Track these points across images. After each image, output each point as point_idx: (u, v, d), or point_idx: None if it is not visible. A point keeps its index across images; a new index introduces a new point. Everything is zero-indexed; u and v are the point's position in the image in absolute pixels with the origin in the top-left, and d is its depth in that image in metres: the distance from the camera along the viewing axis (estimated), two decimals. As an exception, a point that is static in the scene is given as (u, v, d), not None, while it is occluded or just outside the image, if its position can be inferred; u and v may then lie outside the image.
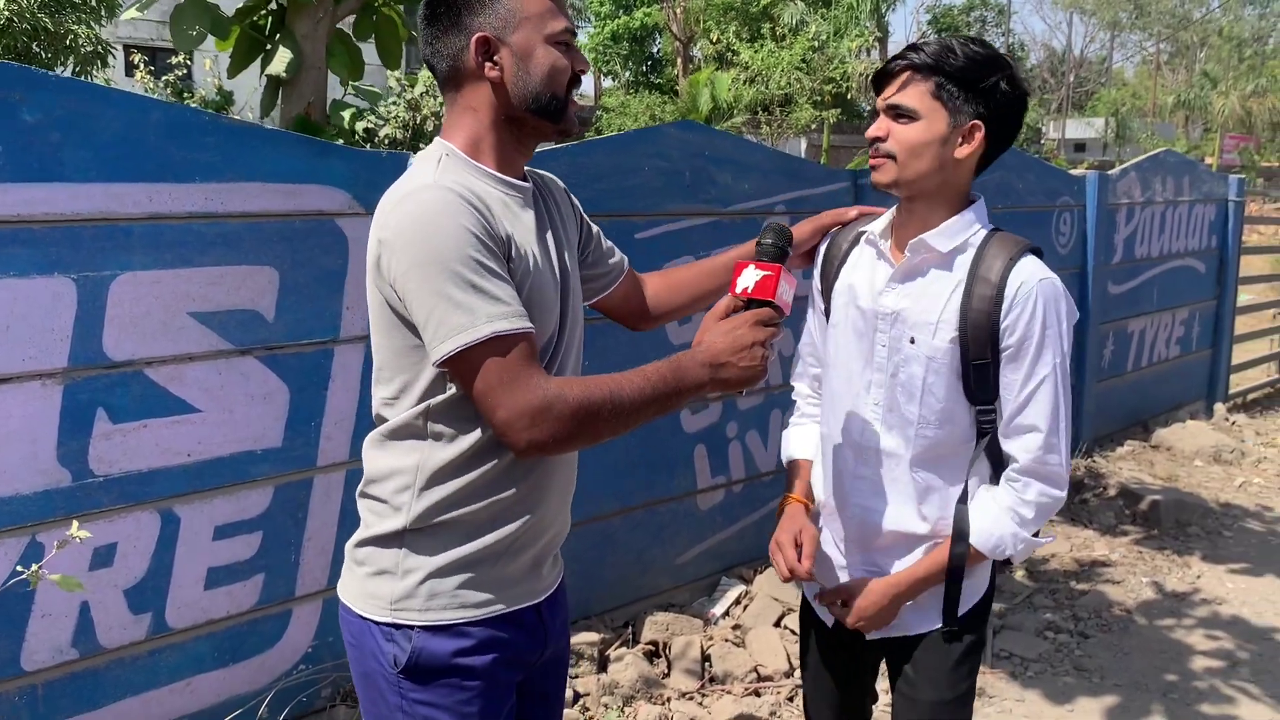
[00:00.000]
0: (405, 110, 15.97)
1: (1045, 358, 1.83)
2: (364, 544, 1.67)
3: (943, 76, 1.81)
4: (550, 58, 1.63)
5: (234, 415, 2.74)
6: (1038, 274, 1.84)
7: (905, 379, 1.90)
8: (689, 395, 1.60)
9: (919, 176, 1.85)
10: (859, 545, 2.01)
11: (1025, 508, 1.88)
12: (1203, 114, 47.04)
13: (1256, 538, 5.23)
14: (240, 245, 2.71)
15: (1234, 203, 7.57)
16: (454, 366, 1.51)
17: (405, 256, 1.49)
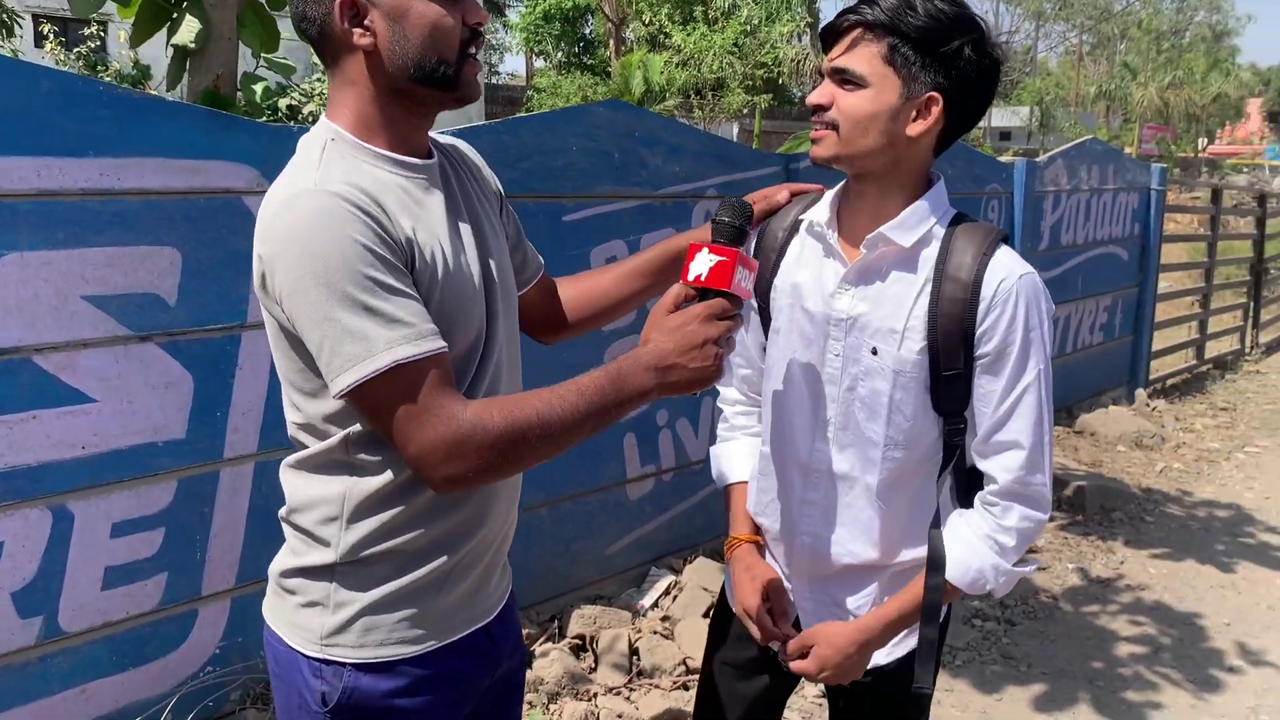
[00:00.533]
0: (330, 87, 15.56)
1: (1029, 365, 1.58)
2: (292, 574, 1.50)
3: (898, 38, 1.54)
4: (430, 14, 1.38)
5: (133, 405, 2.58)
6: (1017, 269, 1.59)
7: (866, 394, 1.65)
8: (633, 405, 1.41)
9: (864, 153, 1.59)
10: (808, 576, 1.78)
11: (1005, 535, 1.62)
12: (1123, 104, 48.22)
13: (1177, 523, 5.30)
14: (139, 224, 2.54)
15: (1156, 191, 7.68)
16: (355, 400, 1.34)
17: (289, 276, 1.30)
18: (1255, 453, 6.63)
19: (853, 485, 1.70)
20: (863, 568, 1.73)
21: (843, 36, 1.59)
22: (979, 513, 1.66)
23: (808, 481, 1.74)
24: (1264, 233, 10.10)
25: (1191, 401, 7.99)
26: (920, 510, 1.70)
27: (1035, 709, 3.46)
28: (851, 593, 1.75)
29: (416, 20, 1.38)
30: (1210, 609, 4.26)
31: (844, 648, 1.68)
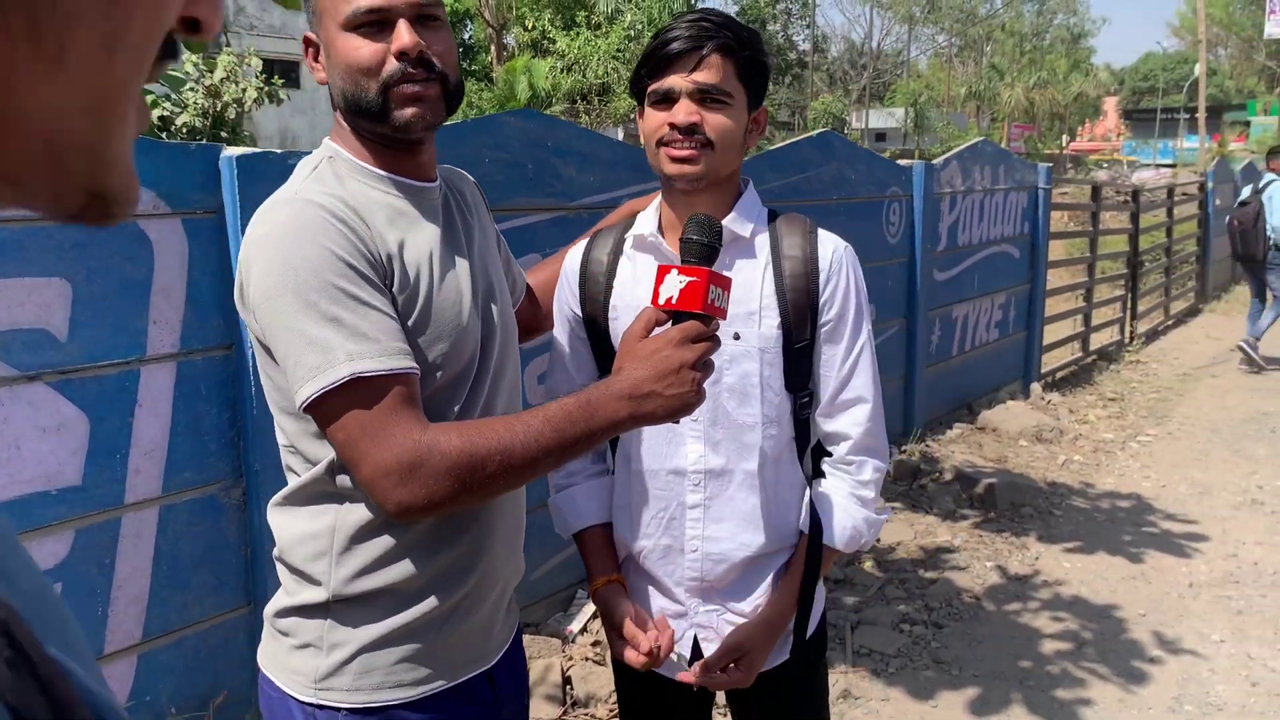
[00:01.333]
0: (205, 97, 15.03)
1: (863, 326, 1.74)
2: (286, 614, 1.46)
3: (742, 57, 1.64)
4: (345, 47, 1.36)
5: (21, 452, 2.35)
6: (840, 242, 1.76)
7: (735, 380, 1.69)
8: (604, 435, 1.34)
9: (726, 167, 1.67)
10: (700, 588, 1.76)
11: (865, 489, 1.76)
12: (991, 104, 49.94)
13: (1083, 515, 5.43)
14: (24, 253, 2.32)
15: (1043, 190, 7.90)
16: (315, 414, 1.29)
17: (261, 284, 1.28)
18: (1147, 441, 6.86)
19: (733, 477, 1.73)
20: (754, 561, 1.76)
21: (692, 54, 1.62)
22: (836, 475, 1.77)
23: (688, 487, 1.74)
24: (1138, 227, 10.51)
25: (1081, 393, 8.24)
26: (791, 490, 1.78)
27: (971, 713, 3.46)
28: (745, 594, 1.77)
29: (338, 54, 1.38)
30: (1125, 600, 4.35)
31: (767, 637, 1.73)
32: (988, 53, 59.46)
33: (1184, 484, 5.93)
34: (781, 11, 43.36)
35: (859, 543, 1.77)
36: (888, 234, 5.96)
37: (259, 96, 15.59)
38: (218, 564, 2.76)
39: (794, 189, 5.01)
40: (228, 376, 2.73)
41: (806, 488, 1.80)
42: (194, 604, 2.71)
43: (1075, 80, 48.67)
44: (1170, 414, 7.60)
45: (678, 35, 1.62)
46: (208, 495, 2.72)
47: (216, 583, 2.76)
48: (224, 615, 2.78)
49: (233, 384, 2.74)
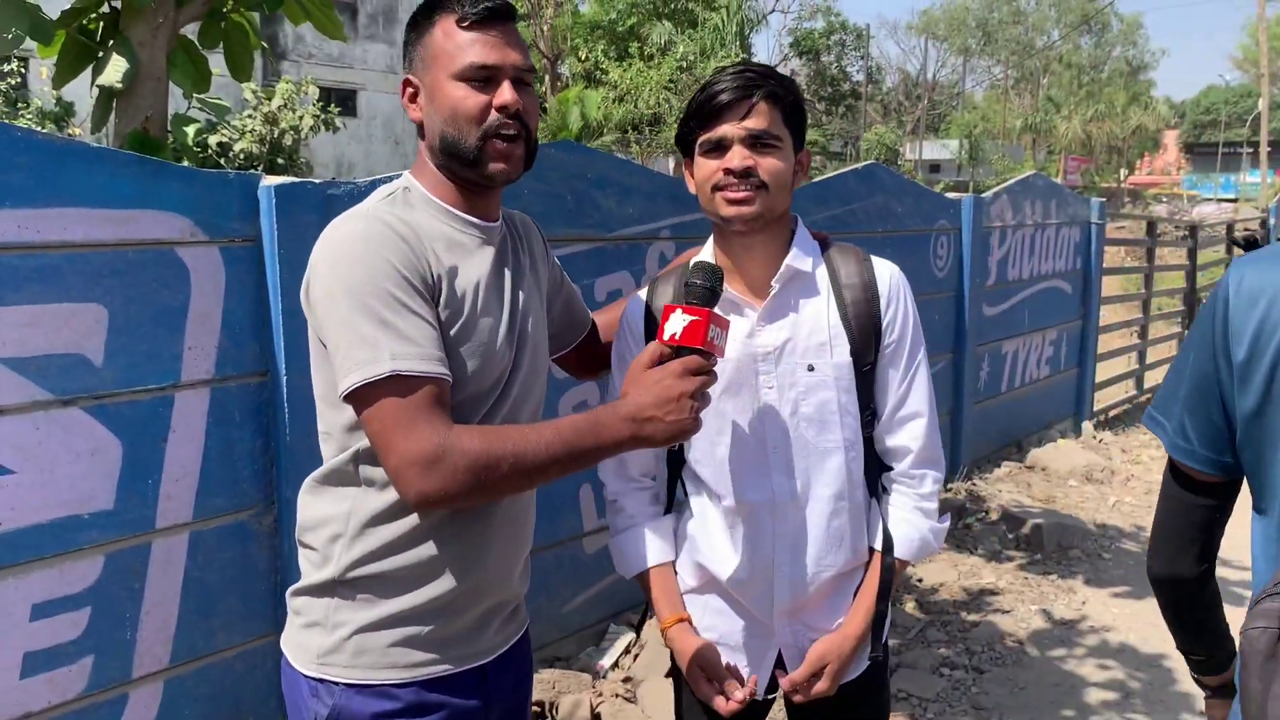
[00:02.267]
0: (262, 124, 15.34)
1: (918, 344, 1.85)
2: (299, 593, 1.62)
3: (786, 103, 1.76)
4: (453, 96, 1.54)
5: (55, 475, 2.37)
6: (893, 266, 1.86)
7: (812, 411, 1.79)
8: (608, 452, 1.52)
9: (779, 207, 1.78)
10: (789, 612, 1.85)
11: (928, 500, 1.86)
12: (1047, 137, 49.47)
13: (1134, 559, 5.28)
14: (61, 280, 2.35)
15: (1096, 225, 7.77)
16: (355, 403, 1.45)
17: (322, 285, 1.46)
18: (1202, 484, 6.66)
19: (818, 503, 1.81)
20: (837, 580, 1.85)
21: (745, 105, 1.73)
22: (897, 491, 1.87)
23: (776, 516, 1.81)
24: (1195, 263, 10.30)
25: (1135, 432, 8.05)
26: (863, 507, 1.86)
27: (1011, 763, 3.36)
28: (831, 612, 1.86)
29: (442, 100, 1.55)
30: (1175, 650, 4.19)
31: (851, 651, 1.82)
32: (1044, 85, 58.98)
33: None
34: (836, 43, 43.36)
35: (926, 552, 1.88)
36: (935, 267, 5.88)
37: (315, 124, 15.88)
38: (246, 591, 2.76)
39: (838, 221, 4.97)
40: (261, 403, 2.74)
41: (872, 503, 1.88)
42: (221, 631, 2.72)
43: (1134, 113, 48.04)
44: (1227, 456, 7.38)
45: (726, 86, 1.73)
46: (238, 522, 2.73)
47: (245, 610, 2.76)
48: (251, 643, 2.78)
49: (266, 411, 2.75)
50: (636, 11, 28.08)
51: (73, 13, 3.26)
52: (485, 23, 1.55)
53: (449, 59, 1.54)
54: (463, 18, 1.55)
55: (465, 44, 1.54)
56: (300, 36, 22.82)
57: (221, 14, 3.39)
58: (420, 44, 1.59)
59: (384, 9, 25.26)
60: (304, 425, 2.75)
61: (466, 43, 1.54)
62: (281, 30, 22.25)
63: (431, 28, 1.58)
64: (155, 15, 3.14)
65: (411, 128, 17.84)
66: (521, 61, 1.58)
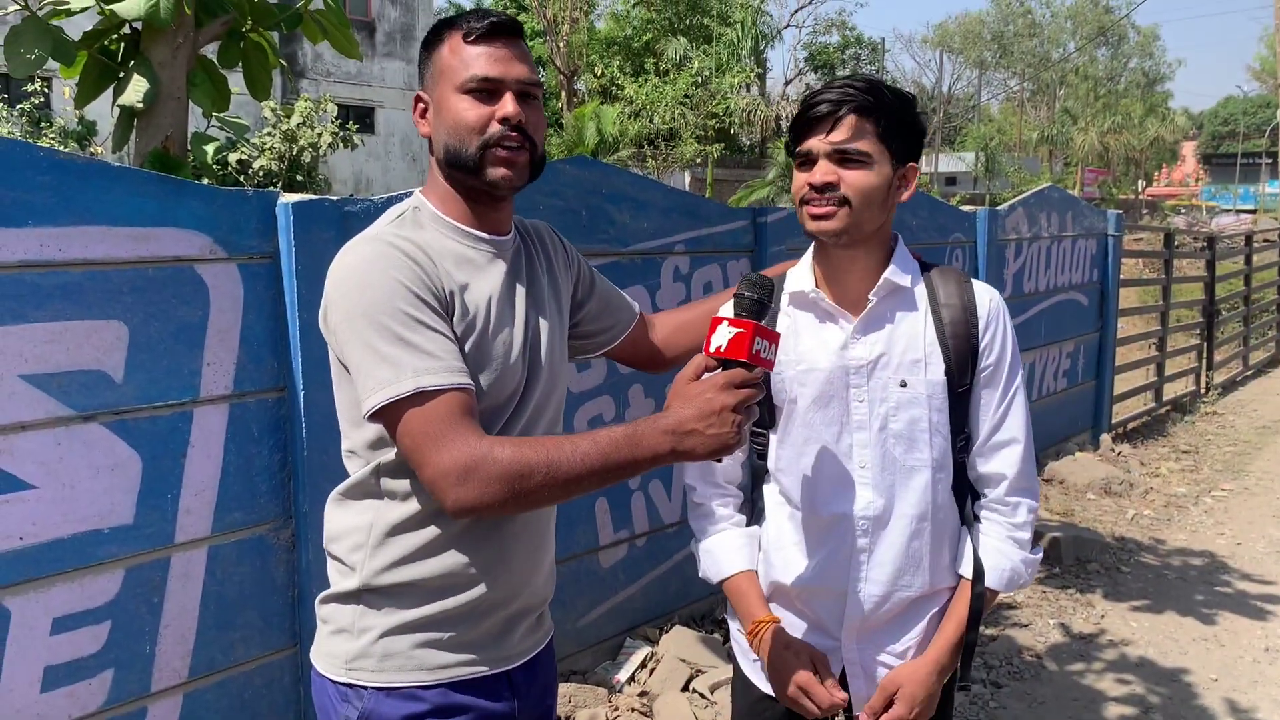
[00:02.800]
0: (281, 141, 15.45)
1: (1017, 370, 1.82)
2: (327, 600, 1.65)
3: (883, 117, 1.72)
4: (456, 108, 1.58)
5: (76, 491, 2.40)
6: (994, 291, 1.84)
7: (902, 427, 1.78)
8: (647, 465, 1.49)
9: (870, 223, 1.75)
10: (859, 629, 1.84)
11: (1021, 530, 1.82)
12: (1064, 149, 49.30)
13: (1153, 572, 5.24)
14: (83, 297, 2.38)
15: (1113, 237, 7.74)
16: (383, 421, 1.48)
17: (339, 309, 1.49)
18: (1222, 496, 6.62)
19: (899, 521, 1.79)
20: (914, 603, 1.83)
21: (833, 119, 1.72)
22: (992, 518, 1.83)
23: (856, 531, 1.80)
24: (1214, 275, 10.24)
25: (1154, 445, 8.00)
26: (949, 532, 1.84)
27: (1029, 778, 3.34)
28: (901, 634, 1.84)
29: (447, 112, 1.59)
30: (1195, 664, 4.18)
31: (930, 683, 1.78)
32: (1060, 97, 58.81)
33: (1261, 542, 5.70)
34: (851, 57, 43.39)
35: (1017, 584, 1.83)
36: (950, 281, 5.86)
37: (334, 141, 15.98)
38: (265, 605, 2.78)
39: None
40: (279, 418, 2.77)
41: (962, 530, 1.86)
42: (240, 644, 2.73)
43: (1151, 124, 47.83)
44: (1247, 468, 7.34)
45: (821, 100, 1.73)
46: (257, 536, 2.75)
47: (263, 623, 2.78)
48: (270, 656, 2.80)
49: (284, 426, 2.78)
50: (652, 28, 28.21)
51: (94, 34, 3.30)
52: (490, 37, 1.59)
53: (454, 73, 1.58)
54: (468, 33, 1.59)
55: (470, 58, 1.58)
56: (319, 55, 23.00)
57: (240, 34, 3.43)
58: (430, 61, 1.63)
59: (401, 27, 25.44)
60: (321, 440, 2.77)
61: (471, 57, 1.58)
62: (300, 49, 22.43)
63: (440, 45, 1.62)
64: (175, 36, 3.18)
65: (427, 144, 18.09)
66: (526, 75, 1.60)
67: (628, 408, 3.80)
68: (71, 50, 3.15)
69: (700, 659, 3.75)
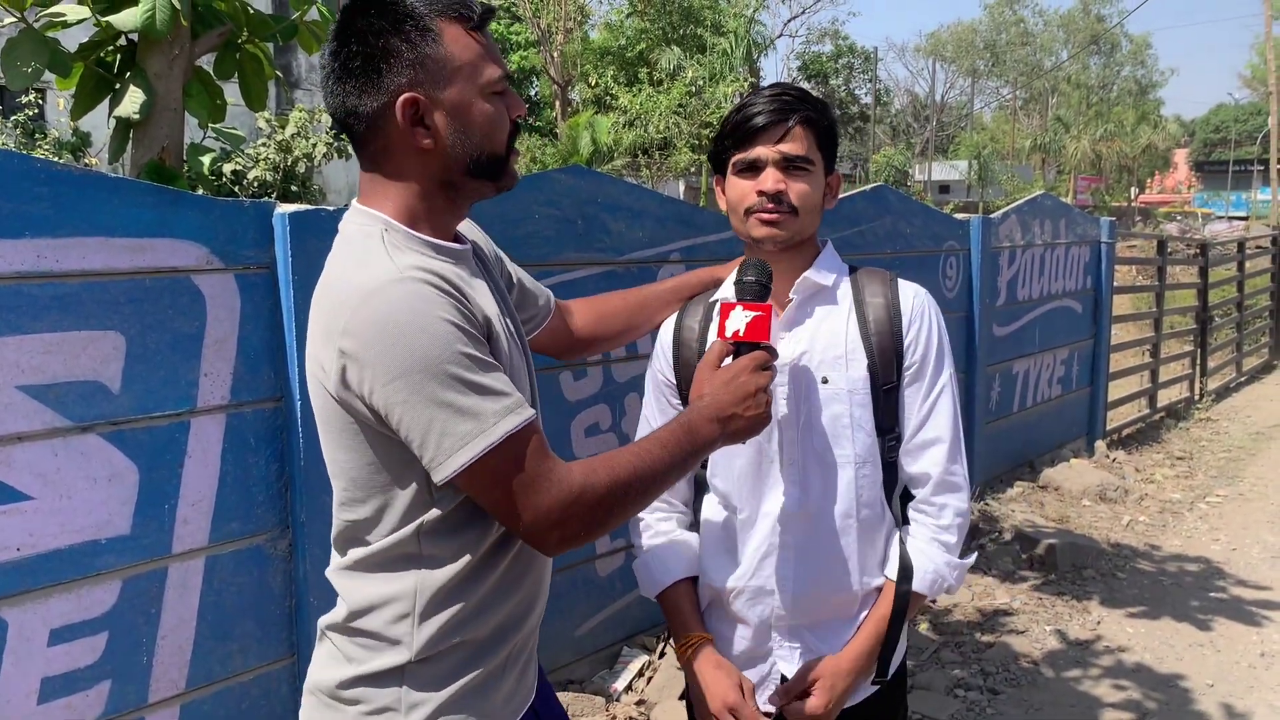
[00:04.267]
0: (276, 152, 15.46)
1: (943, 368, 1.83)
2: (355, 683, 1.47)
3: (820, 127, 1.78)
4: (487, 112, 1.45)
5: (73, 501, 2.40)
6: (919, 288, 1.86)
7: (825, 423, 1.78)
8: (704, 454, 1.53)
9: (810, 228, 1.81)
10: (787, 627, 1.83)
11: (947, 533, 1.81)
12: (1057, 156, 49.46)
13: (1149, 578, 5.25)
14: (80, 308, 2.39)
15: (1105, 244, 7.77)
16: (467, 478, 1.35)
17: (386, 367, 1.30)
18: (1217, 503, 6.64)
19: (825, 519, 1.80)
20: (844, 602, 1.82)
21: (777, 126, 1.75)
22: (916, 521, 1.84)
23: (783, 529, 1.80)
24: (1207, 281, 10.28)
25: (1149, 451, 8.02)
26: (880, 532, 1.83)
27: (1027, 785, 3.34)
28: (833, 634, 1.83)
29: (478, 117, 1.44)
30: (1191, 669, 4.18)
31: (850, 673, 1.77)
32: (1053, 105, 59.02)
33: (1256, 547, 5.72)
34: (844, 66, 43.53)
35: (943, 587, 1.82)
36: (944, 288, 5.89)
37: (328, 151, 15.99)
38: (262, 615, 2.77)
39: (847, 243, 4.99)
40: (277, 428, 2.77)
41: (893, 530, 1.86)
42: (238, 655, 2.73)
43: (1143, 132, 48.02)
44: (1242, 474, 7.36)
45: (762, 109, 1.75)
46: (254, 546, 2.75)
47: (260, 634, 2.77)
48: (267, 666, 2.79)
49: (281, 436, 2.78)
50: (645, 38, 28.28)
51: (90, 45, 3.31)
52: (485, 26, 1.47)
53: (474, 72, 1.43)
54: (474, 25, 1.44)
55: (483, 54, 1.44)
56: (314, 66, 23.02)
57: (236, 45, 3.44)
58: (418, 52, 1.40)
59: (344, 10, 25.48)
60: (319, 450, 2.75)
61: (483, 53, 1.44)
62: (295, 59, 22.46)
63: (434, 35, 1.40)
64: (171, 47, 3.19)
65: (423, 154, 17.65)
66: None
67: (624, 415, 3.81)
68: (67, 62, 3.16)
69: (697, 667, 3.74)
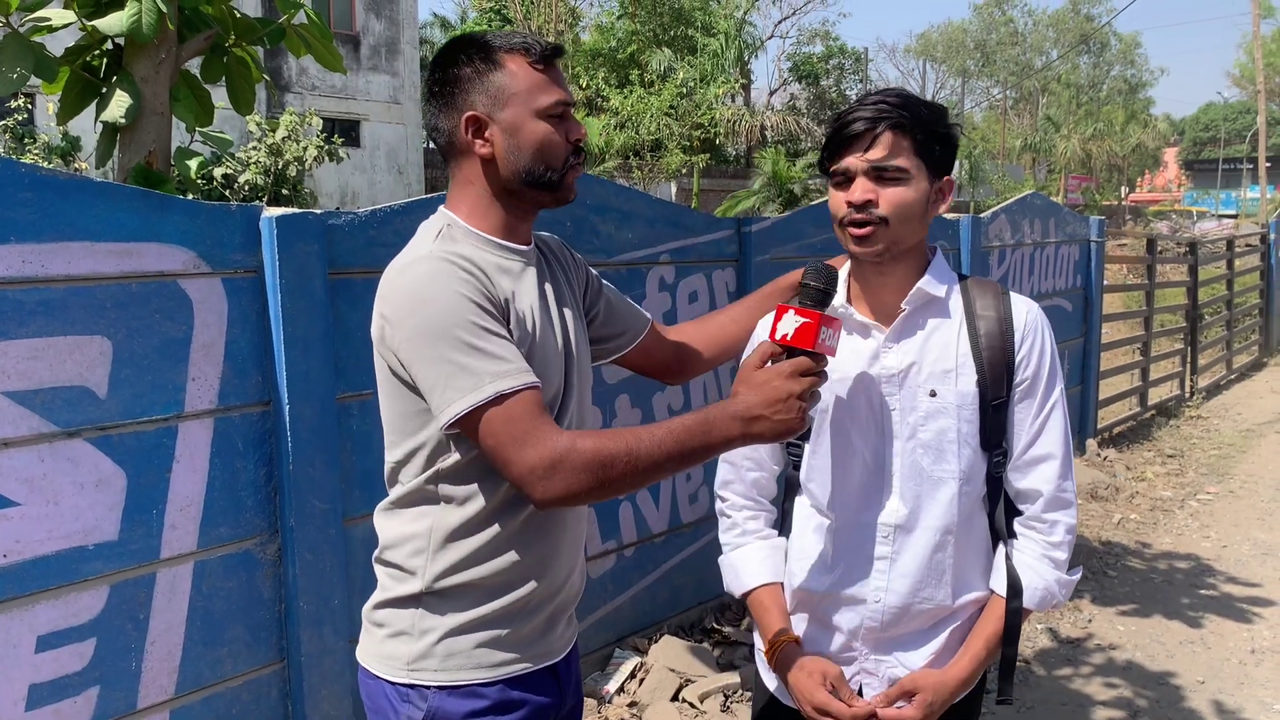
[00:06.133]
0: (267, 155, 15.43)
1: (1055, 384, 1.80)
2: (382, 606, 1.72)
3: (919, 131, 1.71)
4: (540, 132, 1.64)
5: (60, 507, 2.39)
6: (1032, 303, 1.83)
7: (930, 437, 1.76)
8: (718, 449, 1.58)
9: (908, 239, 1.74)
10: (876, 639, 1.82)
11: (1058, 550, 1.79)
12: (1047, 156, 49.57)
13: (1139, 576, 5.27)
14: (66, 313, 2.38)
15: (1095, 243, 7.79)
16: (464, 427, 1.54)
17: (406, 327, 1.55)
18: (1207, 500, 6.66)
19: (923, 531, 1.78)
20: (933, 615, 1.80)
21: (869, 136, 1.70)
22: (1025, 537, 1.81)
23: (880, 539, 1.80)
24: (1197, 280, 10.31)
25: (1139, 449, 8.04)
26: (977, 547, 1.82)
27: (1019, 783, 3.34)
28: (919, 646, 1.81)
29: (529, 136, 1.65)
30: (1182, 667, 4.20)
31: (949, 695, 1.75)
32: (1043, 104, 59.18)
33: (1246, 544, 5.73)
34: (835, 67, 43.58)
35: (1050, 603, 1.81)
36: (934, 288, 5.89)
37: (319, 155, 15.96)
38: (251, 620, 2.77)
39: (837, 245, 4.98)
40: (265, 432, 2.76)
41: (995, 546, 1.84)
42: (227, 660, 2.73)
43: (1133, 131, 48.16)
44: (1232, 471, 7.38)
45: (856, 117, 1.72)
46: (243, 550, 2.74)
47: (250, 638, 2.77)
48: (257, 671, 2.79)
49: (269, 440, 2.77)
50: (636, 39, 28.29)
51: (77, 50, 3.30)
52: (551, 61, 1.69)
53: (530, 96, 1.65)
54: (538, 59, 1.67)
55: (544, 83, 1.66)
56: (304, 69, 22.99)
57: (224, 49, 3.44)
58: (485, 80, 1.65)
59: (386, 41, 25.44)
60: (307, 453, 2.77)
61: (544, 82, 1.66)
62: (285, 62, 22.42)
63: (498, 66, 1.65)
64: (158, 51, 3.19)
65: (415, 157, 17.85)
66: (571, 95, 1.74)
67: (614, 418, 3.81)
68: (54, 67, 3.15)
69: (689, 668, 3.75)
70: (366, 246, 2.93)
